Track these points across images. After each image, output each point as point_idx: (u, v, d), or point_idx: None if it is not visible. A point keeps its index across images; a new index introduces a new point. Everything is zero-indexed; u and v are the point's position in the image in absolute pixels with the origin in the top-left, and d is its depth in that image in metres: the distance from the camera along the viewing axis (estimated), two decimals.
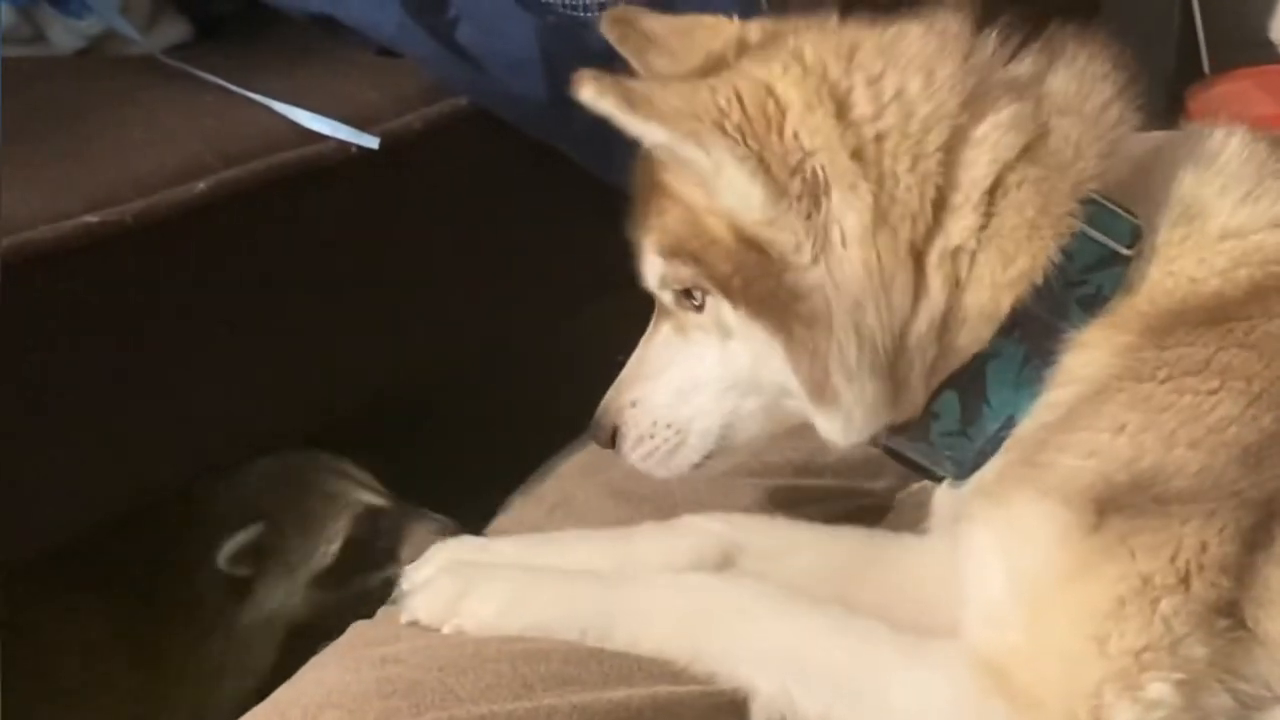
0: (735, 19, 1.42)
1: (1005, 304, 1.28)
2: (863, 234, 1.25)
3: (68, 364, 1.51)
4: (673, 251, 1.33)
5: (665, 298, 1.38)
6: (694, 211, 1.31)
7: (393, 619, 1.40)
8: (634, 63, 1.43)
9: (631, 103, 1.25)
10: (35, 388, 1.49)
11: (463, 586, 1.36)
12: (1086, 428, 1.24)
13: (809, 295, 1.27)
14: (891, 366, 1.29)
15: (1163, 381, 1.24)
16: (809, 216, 1.26)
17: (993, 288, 1.28)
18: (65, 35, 1.92)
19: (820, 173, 1.26)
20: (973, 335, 1.29)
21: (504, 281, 1.89)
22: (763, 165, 1.25)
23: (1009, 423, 1.29)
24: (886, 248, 1.26)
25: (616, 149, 1.89)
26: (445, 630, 1.33)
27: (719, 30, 1.41)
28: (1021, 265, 1.27)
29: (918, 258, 1.27)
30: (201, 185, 1.58)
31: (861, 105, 1.27)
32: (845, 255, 1.26)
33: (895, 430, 1.34)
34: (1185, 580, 1.19)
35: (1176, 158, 1.33)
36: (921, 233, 1.26)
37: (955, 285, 1.27)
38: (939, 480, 1.38)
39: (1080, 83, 1.32)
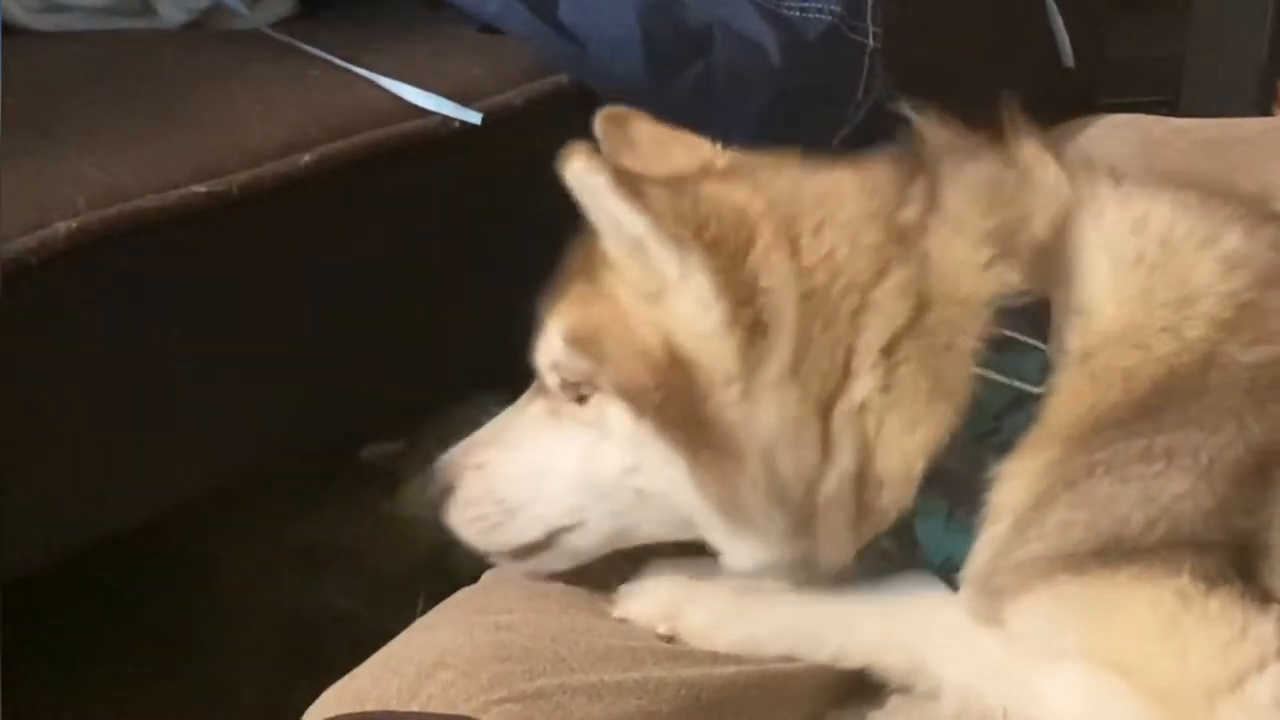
0: (713, 143, 1.43)
1: (917, 467, 1.27)
2: (781, 381, 1.25)
3: (172, 329, 1.54)
4: (582, 344, 1.31)
5: (550, 380, 1.35)
6: (624, 313, 1.29)
7: (503, 588, 1.41)
8: (607, 159, 1.39)
9: (624, 184, 1.23)
10: (139, 351, 1.52)
11: (683, 595, 1.36)
12: (1032, 539, 1.24)
13: (725, 426, 1.25)
14: (805, 515, 1.28)
15: (1103, 475, 1.22)
16: (747, 356, 1.24)
17: (902, 453, 1.27)
18: (173, 9, 1.94)
19: (766, 311, 1.25)
20: (893, 496, 1.28)
21: None
22: (729, 286, 1.24)
23: (949, 562, 1.29)
24: (800, 399, 1.25)
25: (713, 129, 1.91)
26: (660, 630, 1.33)
27: (694, 150, 1.42)
28: (927, 428, 1.26)
29: (825, 416, 1.26)
30: (306, 157, 1.60)
31: (805, 256, 1.26)
32: (767, 398, 1.25)
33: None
34: (1213, 583, 1.20)
35: (1076, 254, 1.30)
36: (830, 391, 1.26)
37: (864, 448, 1.26)
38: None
39: (956, 228, 1.29)
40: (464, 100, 1.72)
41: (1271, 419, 1.22)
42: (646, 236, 1.24)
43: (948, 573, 1.30)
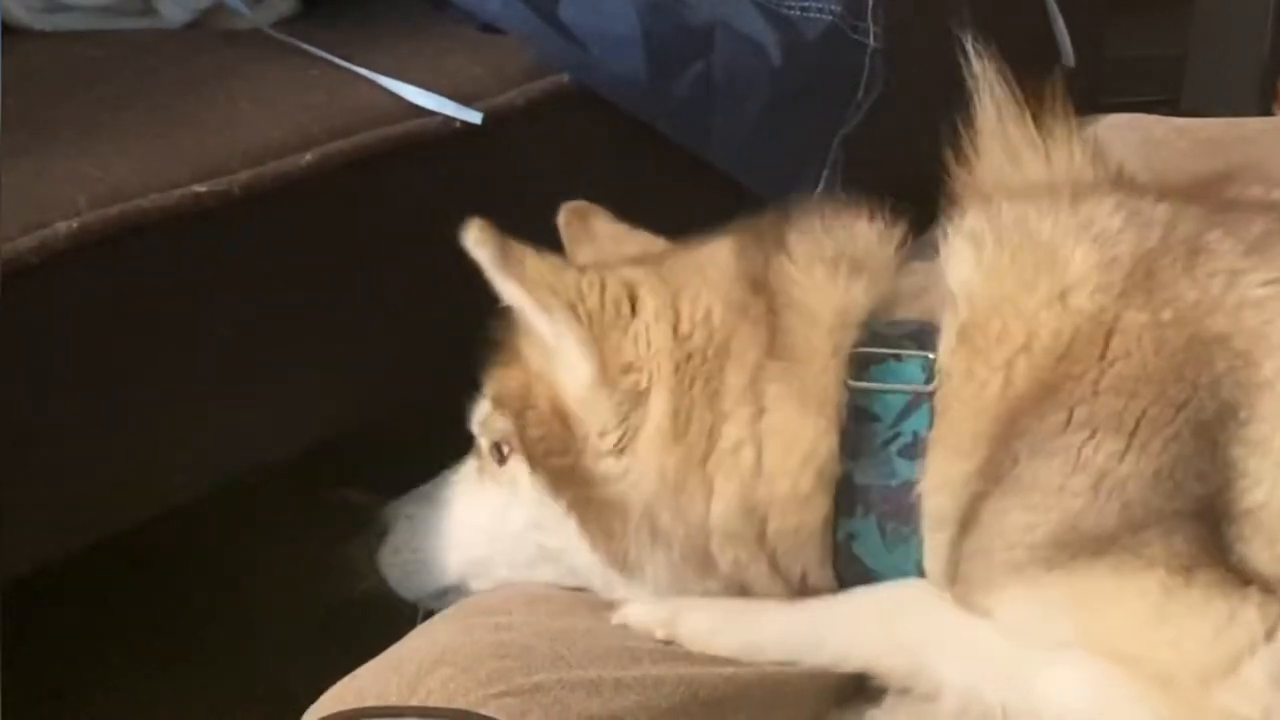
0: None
1: (805, 486, 1.31)
2: (662, 440, 1.33)
3: (175, 328, 1.54)
4: (499, 402, 1.43)
5: (481, 441, 1.46)
6: (529, 374, 1.40)
7: (504, 592, 1.44)
8: (567, 250, 1.53)
9: (504, 260, 1.35)
10: (139, 351, 1.52)
11: (681, 601, 1.38)
12: (980, 534, 1.27)
13: (606, 483, 1.35)
14: (698, 558, 1.35)
15: (1027, 460, 1.24)
16: (625, 415, 1.34)
17: (786, 473, 1.32)
18: (174, 8, 1.94)
19: (647, 379, 1.34)
20: (795, 520, 1.32)
21: None
22: (598, 351, 1.34)
23: (904, 576, 1.33)
24: (683, 457, 1.33)
25: (714, 129, 1.91)
26: (659, 635, 1.36)
27: (646, 245, 1.51)
28: (806, 444, 1.31)
29: (704, 462, 1.33)
30: (307, 157, 1.60)
31: (683, 323, 1.35)
32: (647, 456, 1.34)
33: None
34: (1189, 570, 1.20)
35: (939, 267, 1.35)
36: (711, 442, 1.33)
37: (745, 480, 1.32)
38: None
39: (799, 262, 1.36)
40: (464, 100, 1.72)
41: (1189, 381, 1.23)
42: (522, 305, 1.37)
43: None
